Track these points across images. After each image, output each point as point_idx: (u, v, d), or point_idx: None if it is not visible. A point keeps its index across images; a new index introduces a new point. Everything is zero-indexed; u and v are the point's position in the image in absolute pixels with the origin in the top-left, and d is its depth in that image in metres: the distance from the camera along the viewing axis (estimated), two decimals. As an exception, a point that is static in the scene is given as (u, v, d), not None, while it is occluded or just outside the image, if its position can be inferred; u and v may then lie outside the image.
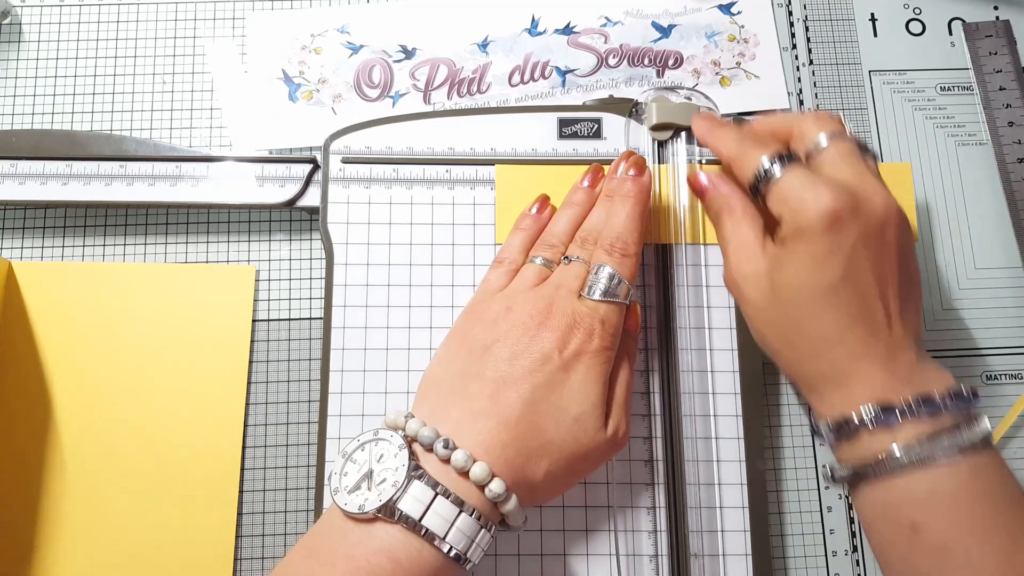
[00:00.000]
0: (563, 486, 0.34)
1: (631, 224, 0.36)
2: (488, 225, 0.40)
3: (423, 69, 0.45)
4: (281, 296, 0.41)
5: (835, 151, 0.33)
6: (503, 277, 0.37)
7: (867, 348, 0.31)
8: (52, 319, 0.40)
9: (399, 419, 0.32)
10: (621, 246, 0.35)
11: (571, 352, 0.33)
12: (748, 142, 0.34)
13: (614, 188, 0.37)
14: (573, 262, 0.35)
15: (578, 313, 0.34)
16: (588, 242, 0.36)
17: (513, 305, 0.34)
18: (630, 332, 0.36)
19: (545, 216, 0.39)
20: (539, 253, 0.37)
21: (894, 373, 0.31)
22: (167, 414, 0.39)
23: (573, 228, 0.37)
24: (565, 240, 0.37)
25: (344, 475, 0.31)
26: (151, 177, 0.40)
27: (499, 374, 0.32)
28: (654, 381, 0.38)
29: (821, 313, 0.31)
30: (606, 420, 0.33)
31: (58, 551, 0.37)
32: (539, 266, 0.36)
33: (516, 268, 0.37)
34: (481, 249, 0.40)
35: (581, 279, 0.35)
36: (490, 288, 0.36)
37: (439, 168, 0.40)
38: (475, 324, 0.35)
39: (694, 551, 0.36)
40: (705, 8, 0.46)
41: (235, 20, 0.46)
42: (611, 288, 0.34)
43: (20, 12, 0.45)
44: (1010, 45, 0.45)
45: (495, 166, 0.40)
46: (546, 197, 0.39)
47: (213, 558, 0.37)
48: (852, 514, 0.39)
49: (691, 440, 0.37)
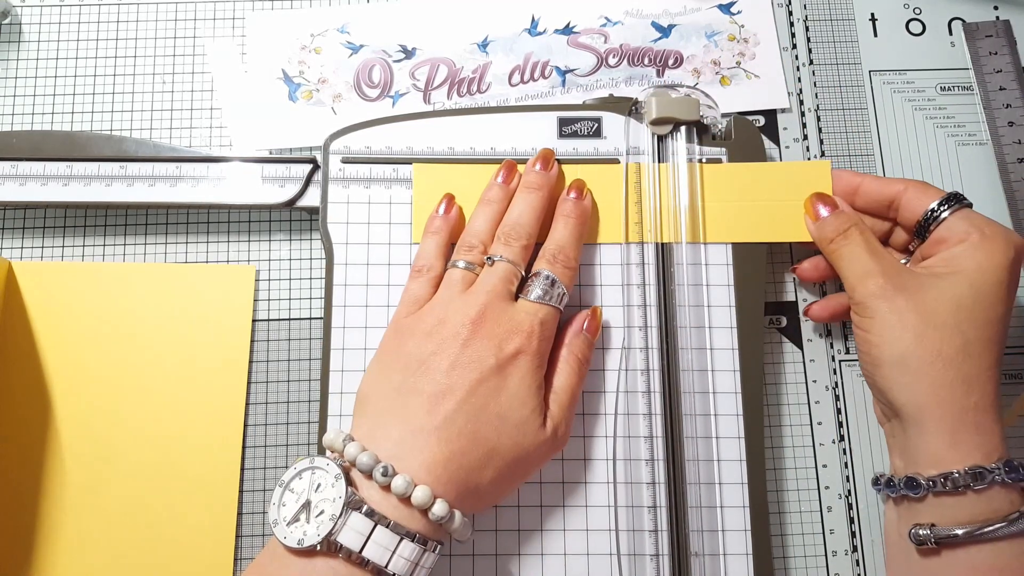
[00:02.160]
0: (509, 489, 0.34)
1: (573, 241, 0.37)
2: (488, 225, 0.40)
3: (423, 69, 0.45)
4: (281, 296, 0.41)
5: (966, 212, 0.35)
6: (426, 286, 0.36)
7: (999, 395, 0.33)
8: (52, 319, 0.40)
9: (337, 441, 0.32)
10: (563, 258, 0.36)
11: (507, 355, 0.33)
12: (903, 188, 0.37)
13: (559, 209, 0.38)
14: (498, 263, 0.35)
15: (515, 316, 0.34)
16: (512, 238, 0.36)
17: (445, 315, 0.34)
18: (587, 334, 0.36)
19: (454, 216, 0.38)
20: (461, 257, 0.36)
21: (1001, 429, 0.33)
22: (167, 414, 0.39)
23: (492, 226, 0.37)
24: (485, 239, 0.37)
25: (282, 506, 0.31)
26: (151, 178, 0.40)
27: (438, 387, 0.32)
28: (655, 380, 0.38)
29: (986, 343, 0.33)
30: (545, 420, 0.34)
31: (58, 551, 0.37)
32: (463, 271, 0.36)
33: (437, 275, 0.36)
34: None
35: (509, 280, 0.35)
36: (414, 298, 0.36)
37: (439, 168, 0.40)
38: (408, 338, 0.34)
39: (695, 550, 0.36)
40: (705, 8, 0.46)
41: (235, 20, 0.46)
42: (551, 292, 0.35)
43: (20, 12, 0.45)
44: (1010, 45, 0.45)
45: (412, 164, 0.40)
46: (451, 196, 0.39)
47: (213, 558, 0.37)
48: (852, 514, 0.39)
49: (691, 440, 0.37)
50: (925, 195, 0.36)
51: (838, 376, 0.41)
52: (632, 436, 0.37)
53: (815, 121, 0.44)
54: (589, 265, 0.39)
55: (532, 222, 0.37)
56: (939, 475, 0.32)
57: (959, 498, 0.32)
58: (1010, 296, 0.34)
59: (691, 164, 0.40)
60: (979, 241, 0.34)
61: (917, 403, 0.33)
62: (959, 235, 0.34)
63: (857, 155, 0.44)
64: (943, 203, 0.35)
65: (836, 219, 0.37)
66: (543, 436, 0.33)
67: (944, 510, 0.32)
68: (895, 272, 0.35)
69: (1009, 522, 0.30)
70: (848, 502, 0.39)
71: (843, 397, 0.41)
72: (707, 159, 0.40)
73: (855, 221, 0.37)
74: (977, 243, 0.34)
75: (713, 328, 0.38)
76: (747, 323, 0.38)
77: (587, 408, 0.38)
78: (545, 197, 0.38)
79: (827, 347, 0.41)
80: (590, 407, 0.38)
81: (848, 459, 0.40)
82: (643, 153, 0.40)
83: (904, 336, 0.33)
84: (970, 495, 0.31)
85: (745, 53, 0.45)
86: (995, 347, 0.33)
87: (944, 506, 0.32)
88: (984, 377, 0.32)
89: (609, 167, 0.40)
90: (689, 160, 0.40)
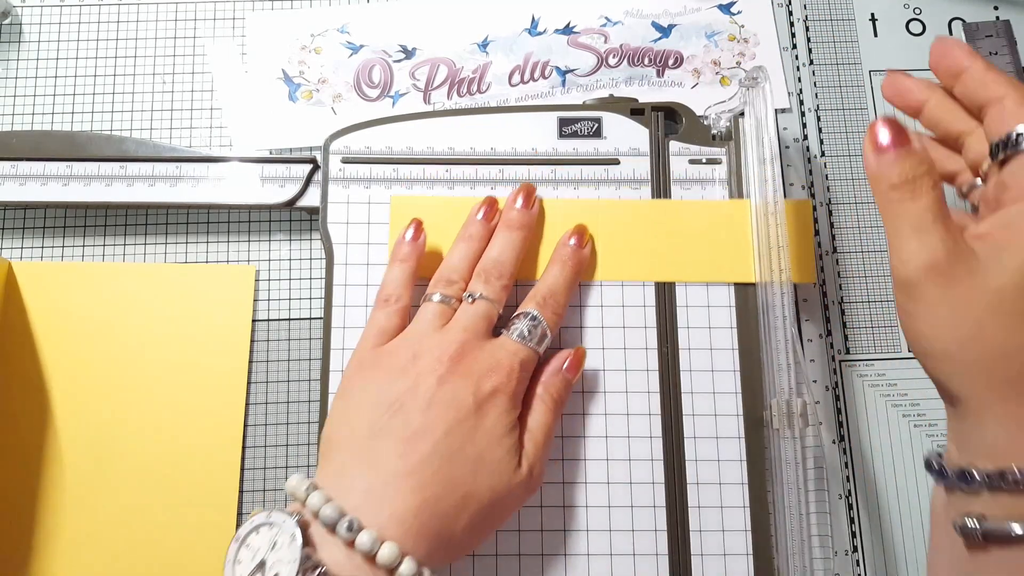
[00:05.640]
0: (483, 536, 0.33)
1: (566, 287, 0.36)
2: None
3: (423, 69, 0.45)
4: (281, 296, 0.41)
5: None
6: (393, 317, 0.35)
7: None
8: (52, 319, 0.40)
9: (300, 489, 0.30)
10: (553, 303, 0.35)
11: (486, 394, 0.32)
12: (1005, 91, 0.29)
13: (557, 252, 0.37)
14: (478, 300, 0.34)
15: (495, 353, 0.33)
16: (492, 276, 0.35)
17: (420, 351, 0.33)
18: (566, 373, 0.35)
19: (421, 242, 0.37)
20: (438, 290, 0.35)
21: None
22: (167, 414, 0.39)
23: (471, 262, 0.36)
24: (464, 275, 0.36)
25: (237, 563, 0.29)
26: (151, 178, 0.40)
27: (410, 430, 0.31)
28: (655, 381, 0.38)
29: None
30: (520, 460, 0.33)
31: (58, 551, 0.37)
32: (439, 304, 0.34)
33: (404, 306, 0.35)
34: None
35: (489, 319, 0.34)
36: (381, 330, 0.34)
37: (439, 168, 0.40)
38: (377, 373, 0.33)
39: (695, 550, 0.36)
40: (705, 8, 0.46)
41: (235, 20, 0.46)
42: (534, 334, 0.34)
43: (20, 12, 0.45)
44: (1010, 45, 0.45)
45: (391, 197, 0.39)
46: (419, 222, 0.37)
47: (213, 558, 0.37)
48: (852, 514, 0.39)
49: (692, 440, 0.37)
50: (1019, 112, 0.28)
51: (838, 376, 0.41)
52: (633, 436, 0.37)
53: (815, 121, 0.44)
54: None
55: (512, 261, 0.36)
56: (996, 471, 0.27)
57: (1017, 497, 0.27)
58: None
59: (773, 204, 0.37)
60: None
61: (978, 397, 0.28)
62: (1021, 187, 0.28)
63: (857, 155, 0.44)
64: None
65: (907, 160, 0.28)
66: (519, 477, 0.32)
67: (997, 506, 0.27)
68: (957, 251, 0.27)
69: None
70: (848, 502, 0.39)
71: (843, 397, 0.41)
72: (707, 159, 0.40)
73: (929, 169, 0.28)
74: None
75: (713, 328, 0.38)
76: (747, 324, 0.38)
77: (587, 408, 0.38)
78: (526, 236, 0.37)
79: (827, 347, 0.41)
80: (590, 407, 0.38)
81: (848, 459, 0.40)
82: (643, 154, 0.40)
83: (960, 328, 0.27)
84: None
85: (745, 53, 0.45)
86: None
87: (998, 503, 0.27)
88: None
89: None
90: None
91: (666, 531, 0.36)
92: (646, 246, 0.39)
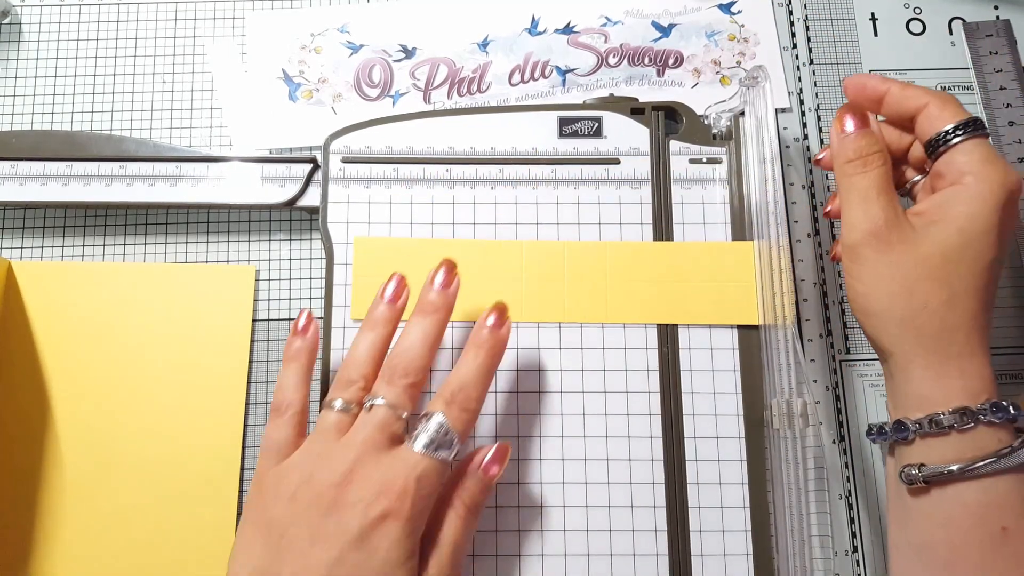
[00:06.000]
0: None
1: (480, 378, 0.32)
2: (488, 224, 0.40)
3: (423, 68, 0.45)
4: (281, 296, 0.41)
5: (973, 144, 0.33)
6: (286, 429, 0.32)
7: (986, 339, 0.32)
8: (52, 319, 0.40)
9: None
10: (463, 399, 0.31)
11: (372, 521, 0.29)
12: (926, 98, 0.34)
13: (472, 337, 0.33)
14: (376, 407, 0.31)
15: (388, 472, 0.29)
16: (397, 375, 0.31)
17: (311, 474, 0.30)
18: (483, 475, 0.32)
19: (314, 335, 0.34)
20: (337, 395, 0.32)
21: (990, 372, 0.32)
22: (167, 414, 0.39)
23: (377, 354, 0.32)
24: (367, 372, 0.32)
25: None
26: (151, 177, 0.40)
27: (297, 568, 0.28)
28: (655, 381, 0.38)
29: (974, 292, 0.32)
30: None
31: (58, 551, 0.37)
32: (337, 413, 0.31)
33: (296, 412, 0.32)
34: (481, 249, 0.40)
35: (388, 426, 0.30)
36: (275, 446, 0.32)
37: (439, 167, 0.40)
38: (270, 500, 0.30)
39: (695, 551, 0.36)
40: (705, 8, 0.46)
41: (235, 20, 0.46)
42: (439, 441, 0.30)
43: (20, 12, 0.45)
44: (1010, 45, 0.45)
45: (355, 238, 0.39)
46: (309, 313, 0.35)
47: (213, 558, 0.37)
48: (852, 514, 0.39)
49: (692, 440, 0.37)
50: (943, 114, 0.33)
51: (838, 376, 0.41)
52: (633, 436, 0.37)
53: (815, 121, 0.44)
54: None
55: (424, 354, 0.32)
56: (925, 417, 0.32)
57: (945, 439, 0.31)
58: (1001, 241, 0.32)
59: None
60: (972, 184, 0.32)
61: (903, 350, 0.32)
62: (955, 174, 0.32)
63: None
64: (958, 128, 0.33)
65: (862, 139, 0.34)
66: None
67: (932, 451, 0.32)
68: (896, 223, 0.33)
69: (999, 457, 0.30)
70: (848, 502, 0.39)
71: (843, 397, 0.41)
72: (708, 159, 0.40)
73: (880, 148, 0.34)
74: (969, 187, 0.32)
75: (714, 328, 0.38)
76: (747, 326, 0.38)
77: (587, 408, 0.38)
78: (442, 321, 0.33)
79: (827, 347, 0.41)
80: (590, 407, 0.38)
81: (848, 459, 0.40)
82: (643, 153, 0.40)
83: (893, 287, 0.32)
84: (955, 435, 0.31)
85: (745, 53, 0.45)
86: (983, 294, 0.32)
87: (932, 447, 0.32)
88: (969, 325, 0.32)
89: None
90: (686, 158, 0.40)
91: (666, 531, 0.36)
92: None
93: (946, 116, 0.33)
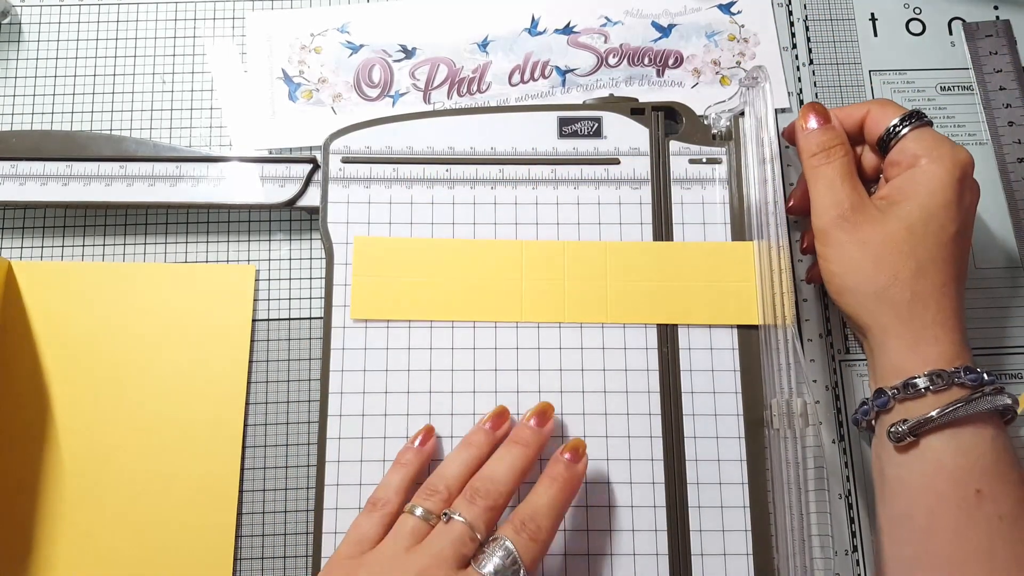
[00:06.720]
0: None
1: (552, 511, 0.32)
2: (488, 224, 0.40)
3: (423, 69, 0.45)
4: (281, 296, 0.41)
5: (921, 131, 0.36)
6: (376, 526, 0.32)
7: (958, 309, 0.35)
8: (52, 319, 0.40)
9: None
10: (533, 528, 0.31)
11: None
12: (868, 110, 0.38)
13: (547, 469, 0.34)
14: (454, 520, 0.31)
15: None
16: (479, 496, 0.32)
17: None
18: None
19: (428, 449, 0.36)
20: (419, 502, 0.32)
21: (963, 339, 0.35)
22: (167, 414, 0.39)
23: (466, 473, 0.33)
24: (454, 487, 0.33)
25: None
26: (151, 177, 0.40)
27: None
28: (655, 380, 0.38)
29: (940, 263, 0.34)
30: None
31: (58, 551, 0.37)
32: (416, 520, 0.31)
33: (393, 512, 0.33)
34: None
35: (463, 544, 0.30)
36: (360, 538, 0.32)
37: (439, 167, 0.40)
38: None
39: (695, 550, 0.36)
40: (705, 8, 0.46)
41: (235, 20, 0.46)
42: (505, 569, 0.30)
43: (20, 12, 0.45)
44: (1010, 45, 0.45)
45: (354, 238, 0.39)
46: (430, 428, 0.37)
47: (213, 558, 0.37)
48: (852, 514, 0.39)
49: (692, 439, 0.37)
50: (886, 113, 0.37)
51: (838, 376, 0.41)
52: (633, 436, 0.37)
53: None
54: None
55: (509, 481, 0.32)
56: (901, 383, 0.34)
57: (922, 400, 0.34)
58: (960, 215, 0.35)
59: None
60: (927, 165, 0.35)
61: (879, 324, 0.35)
62: (909, 159, 0.36)
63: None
64: (903, 120, 0.36)
65: (824, 134, 0.37)
66: None
67: (911, 412, 0.34)
68: (861, 205, 0.35)
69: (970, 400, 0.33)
70: (848, 502, 0.39)
71: (843, 397, 0.41)
72: (707, 159, 0.40)
73: (842, 141, 0.37)
74: (925, 168, 0.35)
75: (714, 328, 0.38)
76: (747, 326, 0.38)
77: (587, 408, 0.38)
78: (532, 456, 0.34)
79: (827, 347, 0.41)
80: (590, 407, 0.38)
81: (848, 460, 0.40)
82: (643, 153, 0.40)
83: (863, 265, 0.35)
84: (931, 396, 0.33)
85: (745, 53, 0.45)
86: (949, 266, 0.34)
87: (910, 409, 0.34)
88: (939, 294, 0.34)
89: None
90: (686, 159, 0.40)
91: (666, 531, 0.36)
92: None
93: (889, 113, 0.37)
